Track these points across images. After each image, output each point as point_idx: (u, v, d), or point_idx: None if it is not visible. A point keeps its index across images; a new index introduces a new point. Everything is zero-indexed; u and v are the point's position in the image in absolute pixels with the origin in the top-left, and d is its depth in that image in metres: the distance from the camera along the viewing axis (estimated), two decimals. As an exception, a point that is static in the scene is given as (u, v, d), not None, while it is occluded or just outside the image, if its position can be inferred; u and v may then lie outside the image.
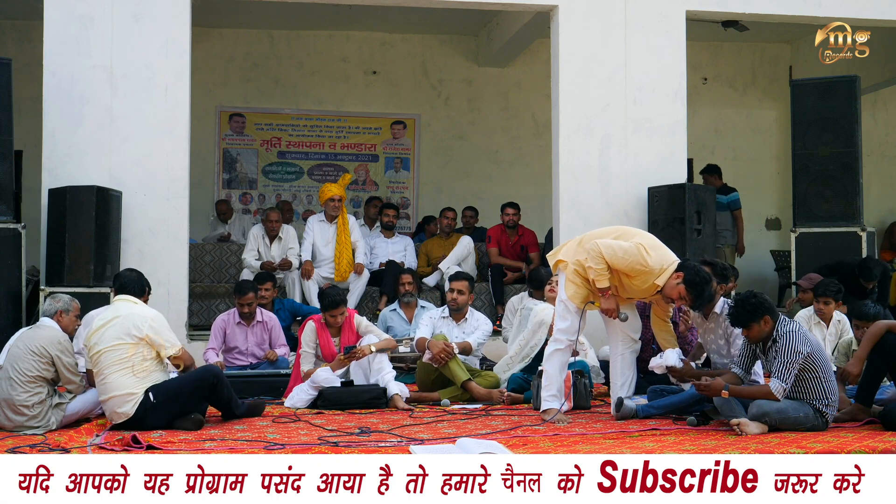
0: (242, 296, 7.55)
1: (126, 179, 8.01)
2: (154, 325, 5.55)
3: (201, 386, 5.64)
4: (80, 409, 5.73)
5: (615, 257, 5.59)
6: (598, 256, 5.59)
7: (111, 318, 5.57)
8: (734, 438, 5.00)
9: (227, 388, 5.78)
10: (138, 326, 5.50)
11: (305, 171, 12.57)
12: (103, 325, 5.55)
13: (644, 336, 6.87)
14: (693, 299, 5.55)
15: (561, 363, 5.83)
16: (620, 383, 5.97)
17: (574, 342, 5.89)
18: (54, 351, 5.58)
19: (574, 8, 8.83)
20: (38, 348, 5.55)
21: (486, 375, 6.90)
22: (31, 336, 5.68)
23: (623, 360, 5.98)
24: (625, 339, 5.97)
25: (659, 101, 8.88)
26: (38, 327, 5.81)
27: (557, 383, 5.81)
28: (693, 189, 8.56)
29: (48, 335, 5.65)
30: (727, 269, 6.50)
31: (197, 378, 5.67)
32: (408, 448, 4.75)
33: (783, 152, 12.21)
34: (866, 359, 5.62)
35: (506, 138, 12.81)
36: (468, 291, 7.24)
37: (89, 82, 8.02)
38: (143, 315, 5.59)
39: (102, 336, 5.51)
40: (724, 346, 6.08)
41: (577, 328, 5.82)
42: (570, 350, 5.89)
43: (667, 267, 5.58)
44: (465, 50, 12.80)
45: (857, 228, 8.38)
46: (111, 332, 5.50)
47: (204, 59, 10.99)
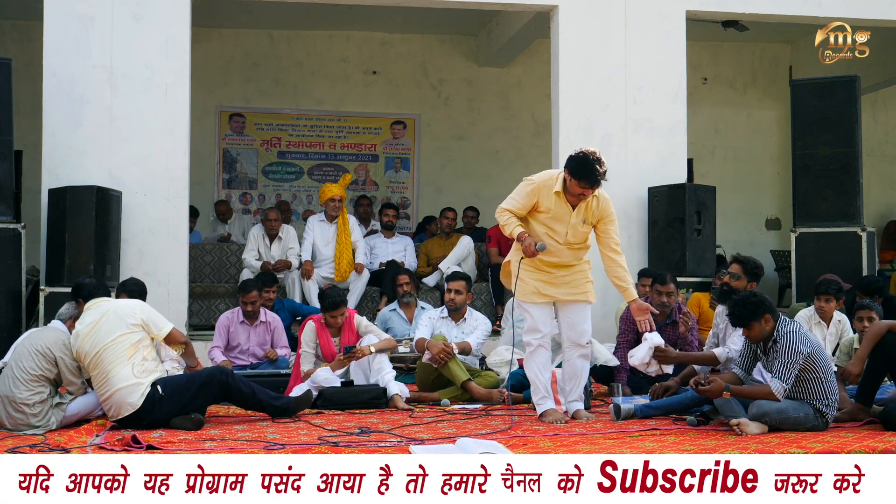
0: (246, 294, 7.57)
1: (126, 179, 8.01)
2: (142, 310, 5.69)
3: (210, 384, 5.64)
4: (81, 410, 5.73)
5: (510, 200, 5.67)
6: (498, 211, 5.73)
7: (98, 318, 5.58)
8: (734, 438, 5.00)
9: (246, 385, 5.76)
10: (131, 314, 5.60)
11: (305, 171, 12.58)
12: (91, 328, 5.55)
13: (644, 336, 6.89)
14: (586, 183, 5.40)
15: (538, 364, 5.71)
16: (569, 389, 5.80)
17: (544, 339, 5.70)
18: (58, 352, 5.58)
19: (574, 8, 8.84)
20: (43, 348, 5.56)
21: (486, 375, 6.90)
22: (38, 336, 5.71)
23: (571, 367, 5.78)
24: (571, 346, 5.75)
25: (659, 101, 8.89)
26: (47, 328, 5.87)
27: (541, 385, 5.73)
28: (693, 189, 8.56)
29: (53, 336, 5.67)
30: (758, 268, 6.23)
31: (207, 376, 5.69)
32: (408, 448, 4.74)
33: (783, 152, 12.21)
34: (867, 358, 5.62)
35: (506, 138, 12.81)
36: (466, 291, 7.23)
37: (89, 82, 8.02)
38: (129, 304, 5.76)
39: (97, 336, 5.50)
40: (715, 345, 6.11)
41: (538, 324, 5.68)
42: (543, 349, 5.71)
43: (556, 174, 5.60)
44: (465, 50, 12.80)
45: (857, 228, 8.37)
46: (105, 328, 5.51)
47: (204, 59, 10.99)
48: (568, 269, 5.69)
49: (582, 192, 5.49)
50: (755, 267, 6.08)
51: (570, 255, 5.67)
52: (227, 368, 5.92)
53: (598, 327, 8.36)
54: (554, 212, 5.58)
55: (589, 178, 5.41)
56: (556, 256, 5.63)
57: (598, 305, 8.57)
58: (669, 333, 6.87)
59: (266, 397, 5.82)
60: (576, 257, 5.70)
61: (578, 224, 5.60)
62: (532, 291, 5.67)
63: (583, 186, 5.45)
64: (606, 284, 8.63)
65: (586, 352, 5.79)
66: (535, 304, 5.69)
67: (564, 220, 5.58)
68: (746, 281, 5.97)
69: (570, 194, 5.55)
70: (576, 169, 5.44)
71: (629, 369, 6.83)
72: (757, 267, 6.09)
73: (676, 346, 6.91)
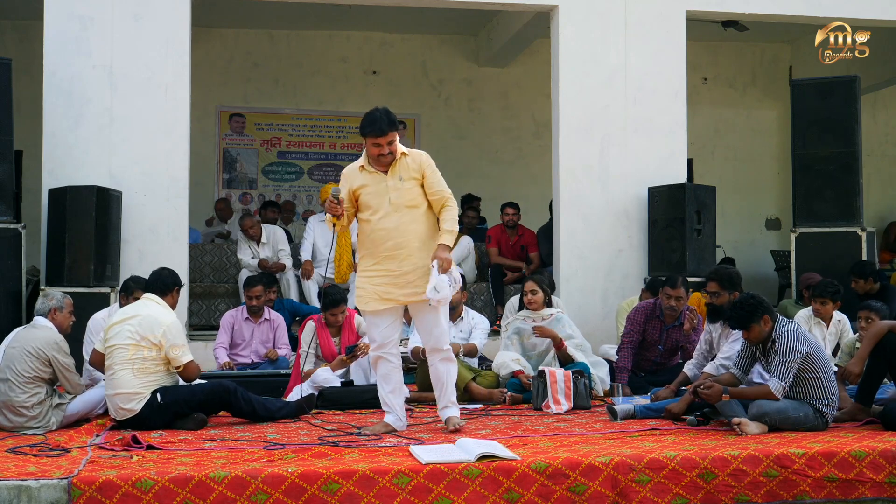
0: (251, 288, 7.64)
1: (126, 179, 8.01)
2: (169, 333, 5.53)
3: (212, 399, 5.66)
4: (81, 410, 5.73)
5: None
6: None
7: (131, 315, 5.58)
8: (734, 438, 4.99)
9: (247, 403, 5.73)
10: (153, 331, 5.50)
11: (305, 171, 12.58)
12: (122, 319, 5.57)
13: (651, 337, 6.90)
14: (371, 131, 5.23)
15: (379, 377, 5.44)
16: (438, 394, 5.50)
17: (381, 349, 5.39)
18: (51, 352, 5.57)
19: (574, 8, 8.84)
20: (35, 349, 5.54)
21: (486, 375, 6.90)
22: (27, 337, 5.66)
23: (434, 371, 5.46)
24: (431, 352, 5.44)
25: (659, 101, 8.89)
26: (33, 327, 5.79)
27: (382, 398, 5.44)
28: (693, 189, 8.56)
29: (44, 336, 5.64)
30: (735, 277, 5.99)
31: (209, 391, 5.67)
32: (408, 448, 4.74)
33: (783, 152, 12.21)
34: (867, 358, 5.62)
35: (506, 138, 12.81)
36: (460, 290, 7.21)
37: (89, 82, 8.02)
38: (161, 321, 5.55)
39: (119, 332, 5.53)
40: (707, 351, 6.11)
41: (374, 334, 5.38)
42: (384, 361, 5.38)
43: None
44: (465, 50, 12.80)
45: (856, 228, 8.37)
46: (126, 330, 5.51)
47: (204, 59, 10.99)
48: (410, 260, 5.27)
49: (378, 147, 5.23)
50: (731, 277, 5.98)
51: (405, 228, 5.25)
52: (229, 385, 5.77)
53: (598, 327, 8.43)
54: (369, 186, 5.31)
55: (375, 127, 5.20)
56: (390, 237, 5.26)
57: (598, 305, 8.65)
58: (676, 335, 6.87)
59: (266, 412, 5.79)
60: (414, 236, 5.25)
61: (397, 184, 5.28)
62: (373, 298, 5.33)
63: (374, 138, 5.21)
64: (606, 284, 8.75)
65: (448, 355, 5.44)
66: (376, 312, 5.35)
67: (381, 189, 5.29)
68: (728, 294, 5.88)
69: (377, 163, 5.31)
70: (363, 128, 5.26)
71: (630, 369, 6.84)
72: (733, 276, 5.98)
73: (681, 346, 6.89)
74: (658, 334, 6.90)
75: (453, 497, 4.24)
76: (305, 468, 4.24)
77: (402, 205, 5.28)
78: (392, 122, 5.26)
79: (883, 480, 4.56)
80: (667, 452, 4.52)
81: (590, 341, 7.31)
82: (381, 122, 5.23)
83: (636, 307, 7.09)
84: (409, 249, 5.27)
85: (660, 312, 6.84)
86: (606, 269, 8.75)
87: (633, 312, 7.00)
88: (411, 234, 5.27)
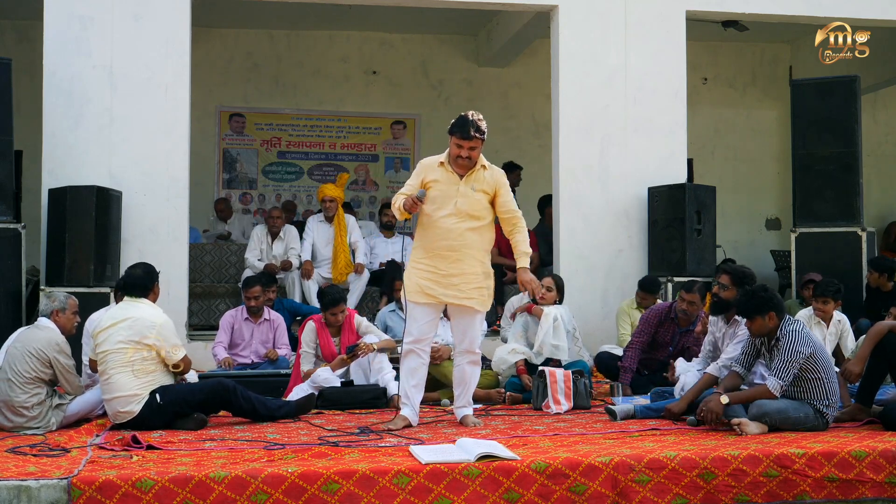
0: (249, 288, 7.64)
1: (126, 179, 8.01)
2: (161, 333, 5.51)
3: (212, 398, 5.65)
4: (81, 410, 5.73)
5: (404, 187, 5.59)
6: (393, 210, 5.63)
7: (120, 319, 5.55)
8: (734, 438, 5.00)
9: (247, 401, 5.73)
10: (145, 334, 5.47)
11: (305, 171, 12.57)
12: (112, 324, 5.53)
13: (663, 339, 6.89)
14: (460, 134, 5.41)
15: (404, 369, 5.55)
16: (458, 394, 5.69)
17: (416, 344, 5.50)
18: (51, 353, 5.57)
19: (574, 8, 8.84)
20: (36, 350, 5.54)
21: (485, 375, 6.89)
22: (29, 337, 5.66)
23: (459, 372, 5.64)
24: (461, 353, 5.62)
25: (659, 101, 8.89)
26: (36, 328, 5.79)
27: (403, 390, 5.56)
28: (693, 189, 8.56)
29: (45, 336, 5.64)
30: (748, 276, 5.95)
31: (208, 390, 5.67)
32: (408, 448, 4.74)
33: (783, 152, 12.20)
34: (868, 358, 5.63)
35: (506, 138, 12.78)
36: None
37: (89, 82, 8.02)
38: (152, 322, 5.53)
39: (109, 337, 5.50)
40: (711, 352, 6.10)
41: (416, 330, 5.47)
42: (413, 355, 5.51)
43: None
44: (465, 50, 12.80)
45: (857, 228, 8.37)
46: (117, 335, 5.48)
47: (204, 59, 10.99)
48: (459, 265, 5.44)
49: (459, 148, 5.40)
50: (744, 275, 5.97)
51: (463, 233, 5.43)
52: (229, 384, 5.76)
53: (598, 327, 8.43)
54: (441, 183, 5.46)
55: (463, 129, 5.38)
56: (446, 237, 5.43)
57: (598, 305, 8.65)
58: (688, 339, 6.84)
59: (266, 411, 5.79)
60: (470, 244, 5.46)
61: (468, 191, 5.46)
62: (416, 290, 5.49)
63: (458, 139, 5.39)
64: (606, 284, 8.75)
65: (476, 358, 5.64)
66: (418, 304, 5.50)
67: (452, 190, 5.45)
68: (736, 290, 5.86)
69: (454, 164, 5.48)
70: (452, 127, 5.45)
71: (634, 370, 6.83)
72: (746, 275, 5.97)
73: (687, 347, 6.85)
74: (670, 336, 6.89)
75: (453, 497, 4.24)
76: (305, 468, 4.24)
77: (466, 212, 5.48)
78: (479, 130, 5.46)
79: (883, 480, 4.56)
80: (667, 452, 4.52)
81: (590, 341, 7.31)
82: (469, 125, 5.43)
83: (651, 308, 7.09)
84: (461, 255, 5.47)
85: (675, 315, 6.83)
86: (606, 269, 8.75)
87: (647, 313, 6.98)
88: (467, 242, 5.48)
